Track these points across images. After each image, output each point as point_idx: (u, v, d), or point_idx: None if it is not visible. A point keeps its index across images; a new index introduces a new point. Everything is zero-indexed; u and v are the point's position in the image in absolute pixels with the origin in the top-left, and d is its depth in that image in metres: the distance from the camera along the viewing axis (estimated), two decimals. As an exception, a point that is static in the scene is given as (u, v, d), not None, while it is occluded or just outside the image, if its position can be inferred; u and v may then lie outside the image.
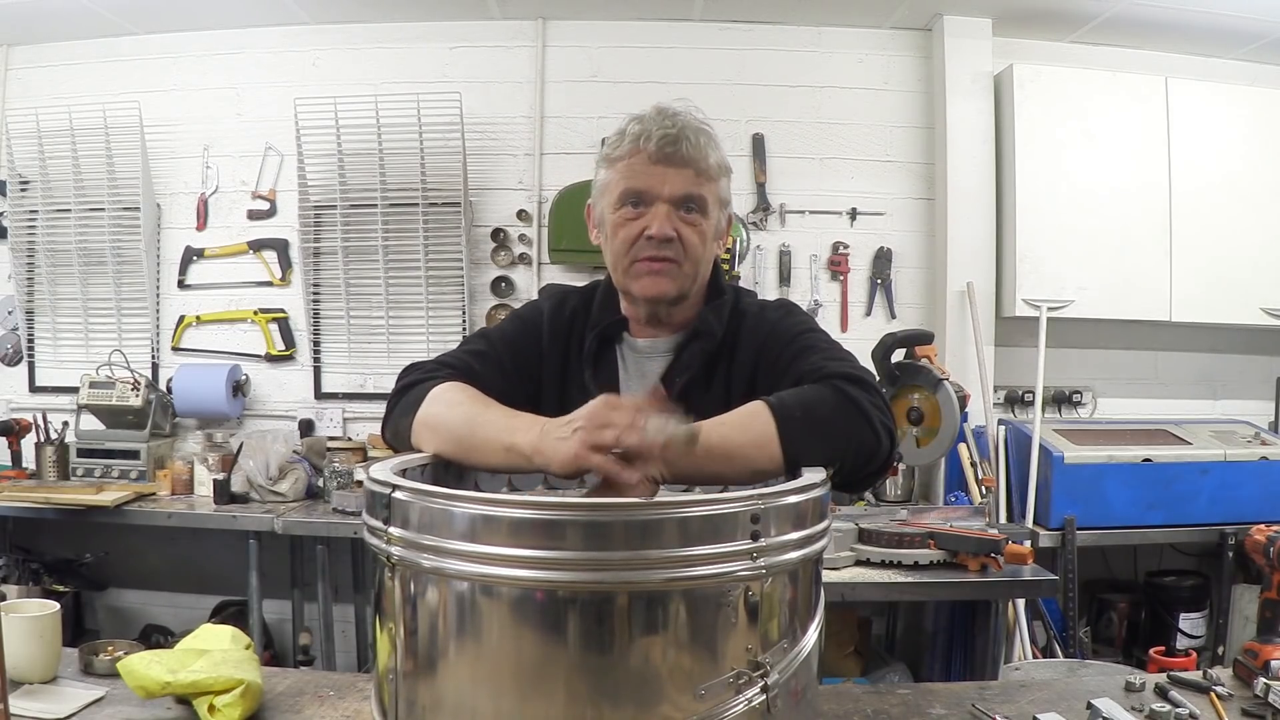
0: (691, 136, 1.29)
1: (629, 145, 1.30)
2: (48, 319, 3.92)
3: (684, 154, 1.28)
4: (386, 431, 1.32)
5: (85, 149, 3.78)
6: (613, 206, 1.33)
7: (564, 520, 0.81)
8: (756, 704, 0.85)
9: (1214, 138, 3.68)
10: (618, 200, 1.32)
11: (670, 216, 1.29)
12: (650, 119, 1.30)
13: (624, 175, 1.31)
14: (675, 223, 1.30)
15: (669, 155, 1.28)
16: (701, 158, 1.30)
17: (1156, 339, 3.93)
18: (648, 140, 1.28)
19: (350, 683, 1.42)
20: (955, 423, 2.80)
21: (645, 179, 1.29)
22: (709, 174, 1.31)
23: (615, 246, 1.34)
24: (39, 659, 1.38)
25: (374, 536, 0.91)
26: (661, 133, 1.28)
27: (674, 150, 1.28)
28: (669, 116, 1.30)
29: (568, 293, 1.48)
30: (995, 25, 3.74)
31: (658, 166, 1.29)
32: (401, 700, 0.90)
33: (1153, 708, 1.31)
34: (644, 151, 1.29)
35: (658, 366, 1.39)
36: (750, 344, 1.36)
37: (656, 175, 1.29)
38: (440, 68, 3.84)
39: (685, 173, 1.29)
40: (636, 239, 1.31)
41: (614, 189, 1.32)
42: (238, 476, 3.34)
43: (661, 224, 1.29)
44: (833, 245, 3.86)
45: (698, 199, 1.31)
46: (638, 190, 1.30)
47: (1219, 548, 3.35)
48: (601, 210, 1.36)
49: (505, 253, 3.84)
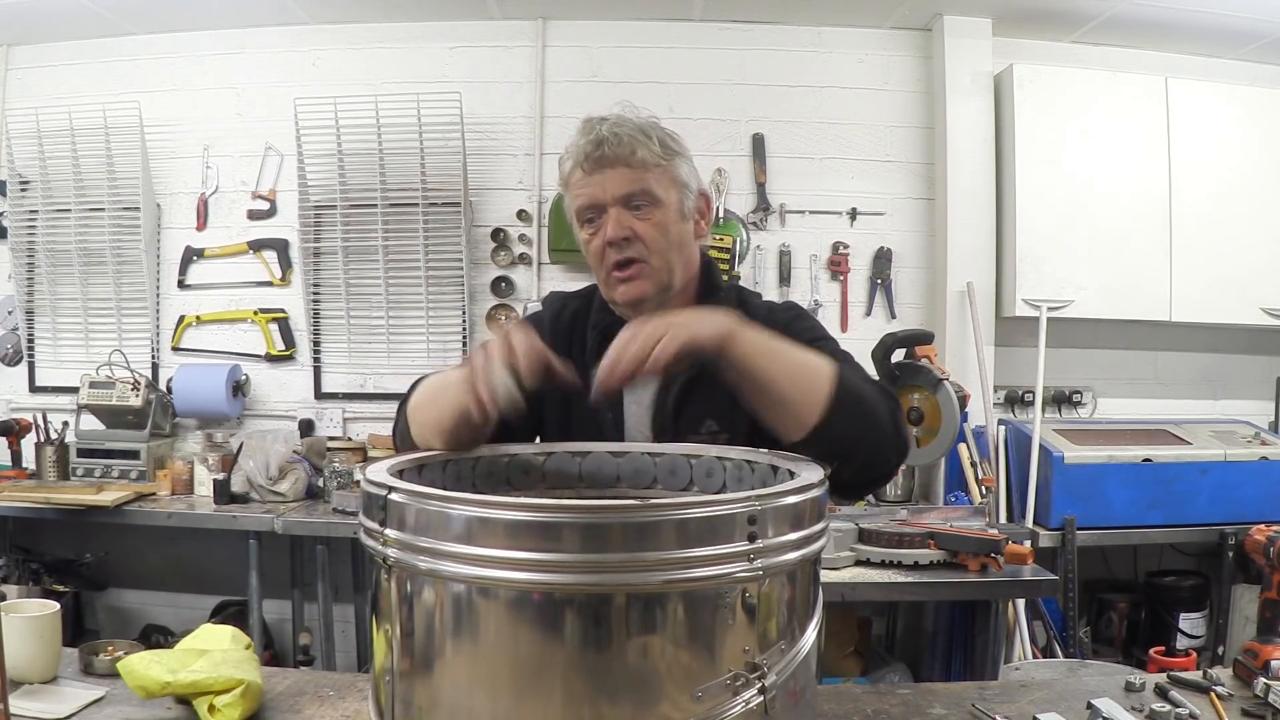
0: (611, 136, 1.32)
1: (570, 166, 1.36)
2: (48, 319, 3.92)
3: (609, 155, 1.32)
4: (395, 438, 1.39)
5: (85, 149, 3.78)
6: (578, 227, 1.39)
7: (561, 522, 0.81)
8: (754, 705, 0.84)
9: (1214, 138, 3.67)
10: (578, 220, 1.39)
11: (620, 217, 1.33)
12: (578, 134, 1.36)
13: (575, 194, 1.37)
14: (628, 221, 1.33)
15: (597, 160, 1.33)
16: (627, 152, 1.32)
17: (1156, 339, 3.93)
18: (578, 155, 1.34)
19: (350, 683, 1.42)
20: (955, 423, 2.80)
21: (587, 192, 1.35)
22: (644, 164, 1.33)
23: (592, 262, 1.40)
24: (39, 659, 1.38)
25: (370, 538, 0.91)
26: (586, 143, 1.33)
27: (600, 154, 1.32)
28: (593, 126, 1.34)
29: (567, 297, 1.53)
30: (995, 25, 3.74)
31: (594, 176, 1.34)
32: (398, 702, 0.89)
33: (1153, 708, 1.31)
34: (579, 167, 1.35)
35: None
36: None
37: (595, 183, 1.34)
38: (440, 68, 3.84)
39: (618, 172, 1.33)
40: (603, 250, 1.36)
41: (572, 211, 1.39)
42: (238, 476, 3.34)
43: (612, 227, 1.33)
44: (833, 245, 3.86)
45: (639, 193, 1.33)
46: (586, 205, 1.36)
47: (1219, 548, 3.35)
48: (575, 232, 1.42)
49: (505, 253, 3.84)
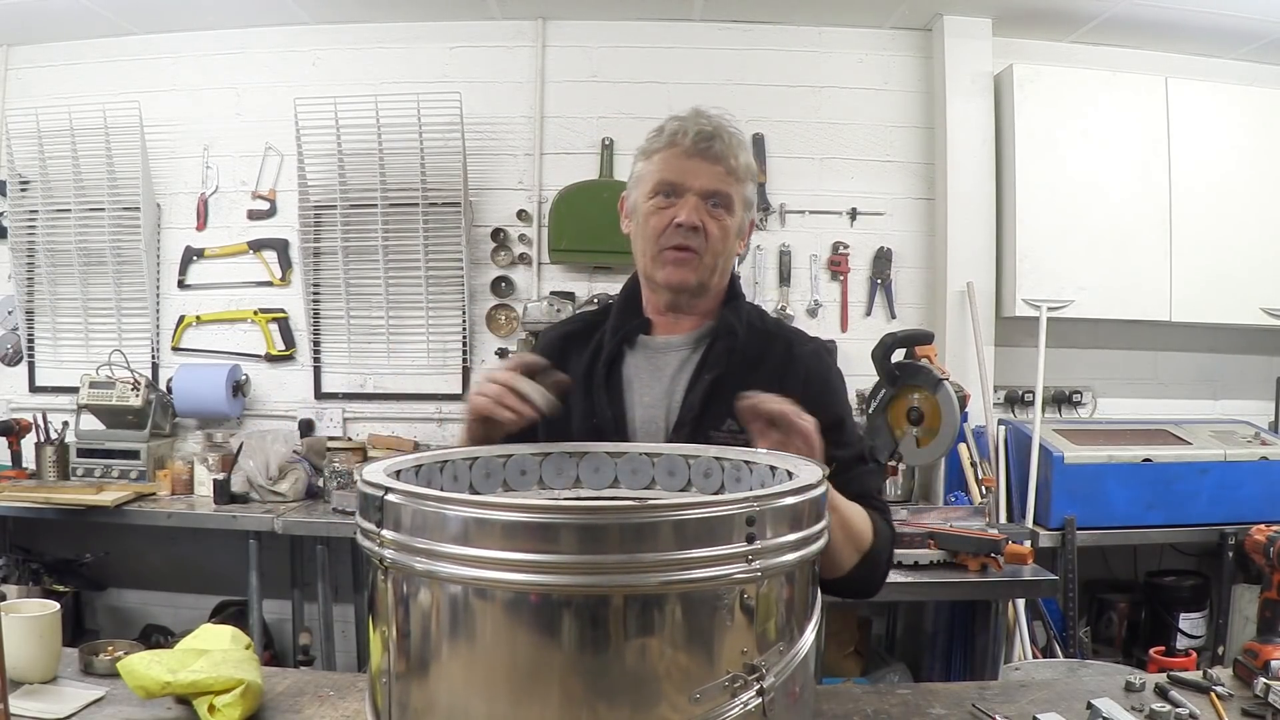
0: (725, 136, 1.38)
1: (666, 139, 1.39)
2: (48, 319, 3.92)
3: (717, 151, 1.37)
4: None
5: (85, 149, 3.78)
6: (646, 196, 1.40)
7: (558, 523, 0.81)
8: (752, 707, 0.84)
9: (1214, 138, 3.67)
10: (651, 190, 1.40)
11: (699, 208, 1.37)
12: (688, 117, 1.39)
13: (659, 167, 1.39)
14: (702, 214, 1.37)
15: (703, 150, 1.36)
16: (733, 156, 1.38)
17: (1156, 339, 3.93)
18: (684, 135, 1.36)
19: (350, 683, 1.42)
20: (955, 423, 2.80)
21: (678, 171, 1.37)
22: (738, 174, 1.39)
23: (645, 233, 1.42)
24: (39, 659, 1.38)
25: (367, 539, 0.91)
26: (697, 129, 1.36)
27: (708, 146, 1.36)
28: (705, 116, 1.39)
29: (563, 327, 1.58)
30: (995, 25, 3.74)
31: (691, 160, 1.37)
32: (395, 703, 0.89)
33: (1153, 708, 1.31)
34: (679, 145, 1.37)
35: (674, 360, 1.46)
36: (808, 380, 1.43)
37: (689, 168, 1.37)
38: (440, 68, 3.84)
39: (716, 169, 1.37)
40: (665, 228, 1.38)
41: (648, 180, 1.40)
42: (238, 476, 3.34)
43: (690, 213, 1.36)
44: (833, 245, 3.85)
45: (725, 195, 1.39)
46: (671, 181, 1.38)
47: (1219, 548, 3.35)
48: (635, 200, 1.44)
49: (505, 253, 3.84)
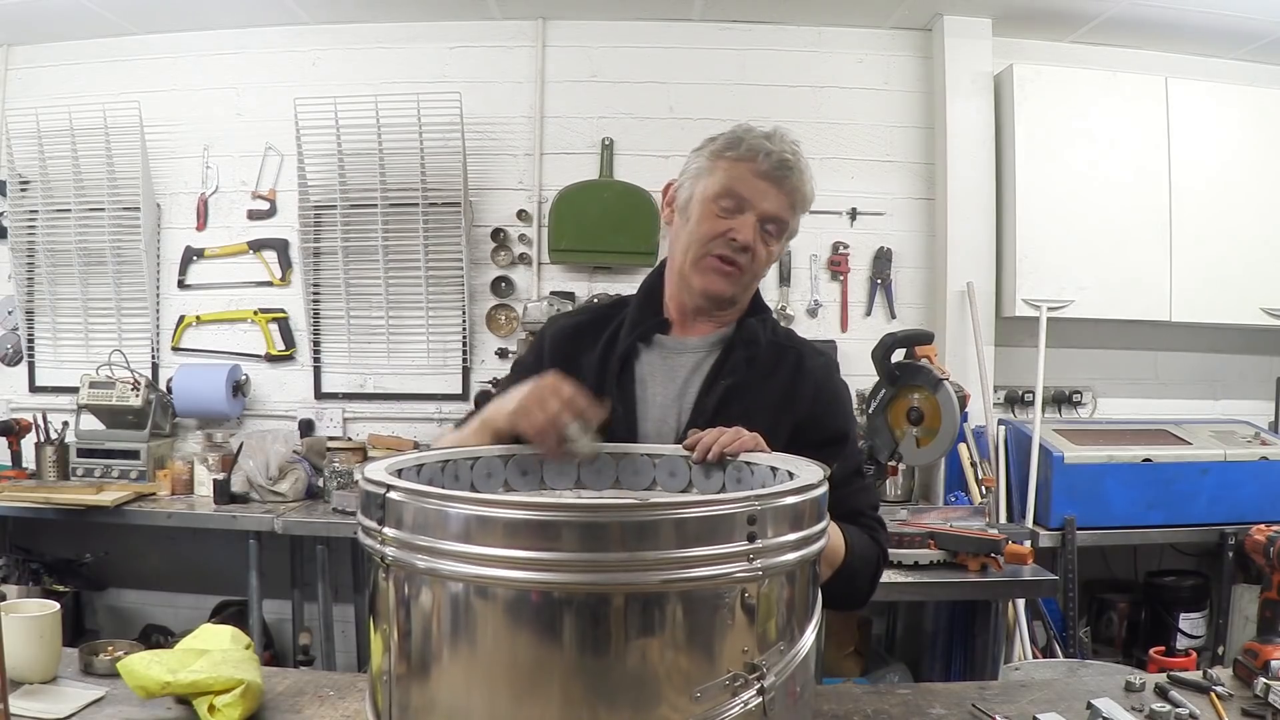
0: (801, 167, 1.40)
1: (745, 151, 1.38)
2: (48, 319, 3.92)
3: (789, 181, 1.38)
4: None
5: (85, 149, 3.78)
6: (707, 198, 1.40)
7: (560, 521, 0.81)
8: (753, 706, 0.85)
9: (1214, 138, 3.67)
10: (716, 195, 1.39)
11: (755, 229, 1.39)
12: (772, 136, 1.40)
13: (731, 175, 1.39)
14: (758, 236, 1.39)
15: (777, 178, 1.38)
16: (799, 187, 1.40)
17: (1156, 339, 3.93)
18: (766, 156, 1.37)
19: (350, 683, 1.42)
20: (955, 423, 2.80)
21: (750, 187, 1.38)
22: (796, 205, 1.41)
23: (695, 233, 1.41)
24: (39, 659, 1.38)
25: (368, 537, 0.91)
26: (780, 154, 1.37)
27: (784, 175, 1.38)
28: (786, 141, 1.40)
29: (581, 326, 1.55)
30: (995, 25, 3.74)
31: (764, 182, 1.38)
32: (395, 703, 0.89)
33: (1153, 708, 1.31)
34: (757, 163, 1.37)
35: (686, 362, 1.47)
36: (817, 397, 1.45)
37: (760, 189, 1.38)
38: (440, 68, 3.84)
39: (782, 197, 1.39)
40: (718, 236, 1.39)
41: (716, 183, 1.40)
42: (238, 476, 3.34)
43: (748, 232, 1.38)
44: (833, 245, 3.85)
45: (782, 224, 1.41)
46: (740, 195, 1.38)
47: (1219, 548, 3.35)
48: (691, 196, 1.43)
49: (505, 253, 3.84)
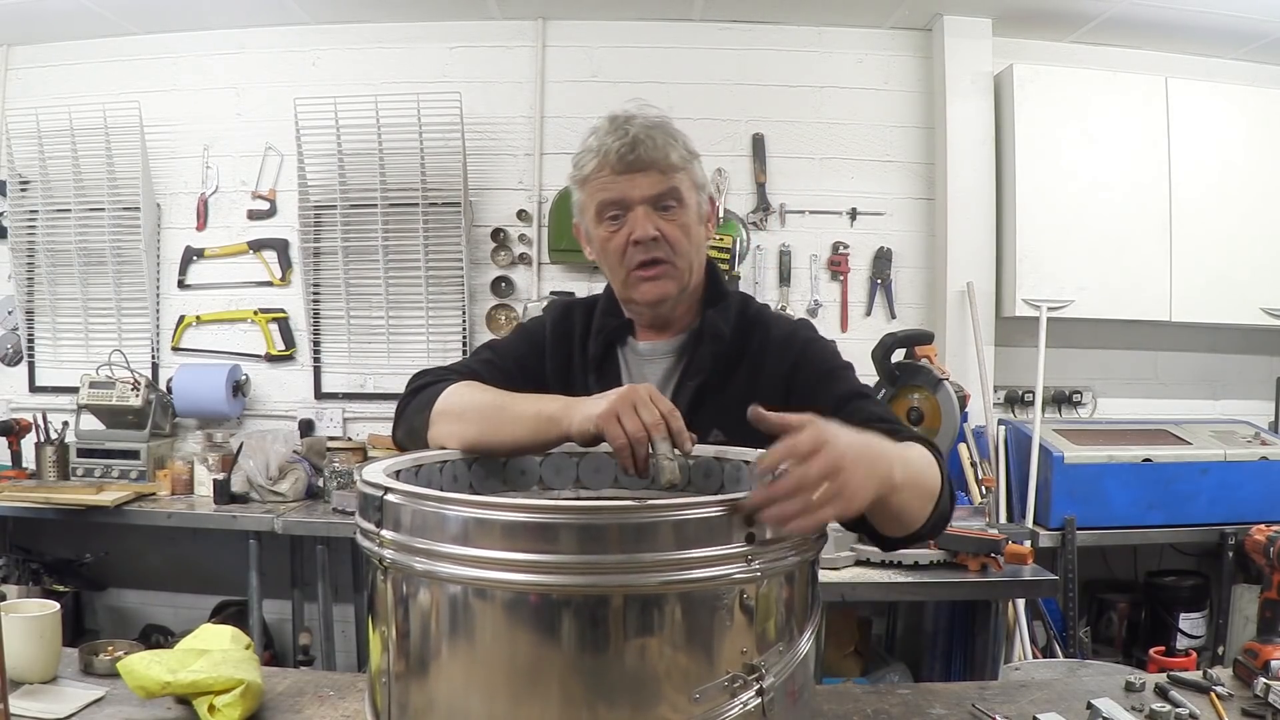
0: (645, 138, 1.33)
1: (593, 163, 1.35)
2: (48, 319, 3.92)
3: (644, 157, 1.32)
4: (399, 430, 1.38)
5: (85, 149, 3.78)
6: (594, 223, 1.38)
7: (558, 523, 0.81)
8: (752, 707, 0.85)
9: (1214, 138, 3.67)
10: (596, 216, 1.37)
11: (649, 216, 1.34)
12: (605, 132, 1.35)
13: (596, 189, 1.36)
14: (655, 221, 1.34)
15: (630, 163, 1.32)
16: (661, 156, 1.33)
17: (1156, 339, 3.93)
18: (608, 154, 1.33)
19: (350, 683, 1.42)
20: (955, 423, 2.81)
21: (615, 190, 1.34)
22: (674, 167, 1.35)
23: (609, 260, 1.39)
24: (39, 659, 1.38)
25: (366, 539, 0.91)
26: (618, 144, 1.32)
27: (634, 157, 1.32)
28: (620, 125, 1.34)
29: (571, 304, 1.52)
30: (995, 25, 3.74)
31: (623, 176, 1.33)
32: (394, 704, 0.89)
33: (1153, 708, 1.31)
34: (607, 165, 1.33)
35: (660, 369, 1.42)
36: (782, 358, 1.38)
37: (624, 183, 1.33)
38: (440, 68, 3.84)
39: (650, 174, 1.33)
40: (625, 248, 1.35)
41: (590, 207, 1.38)
42: (238, 476, 3.34)
43: (642, 225, 1.33)
44: (833, 245, 3.85)
45: (669, 193, 1.35)
46: (611, 201, 1.35)
47: (1219, 548, 3.35)
48: (587, 228, 1.41)
49: (505, 253, 3.84)
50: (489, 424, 1.21)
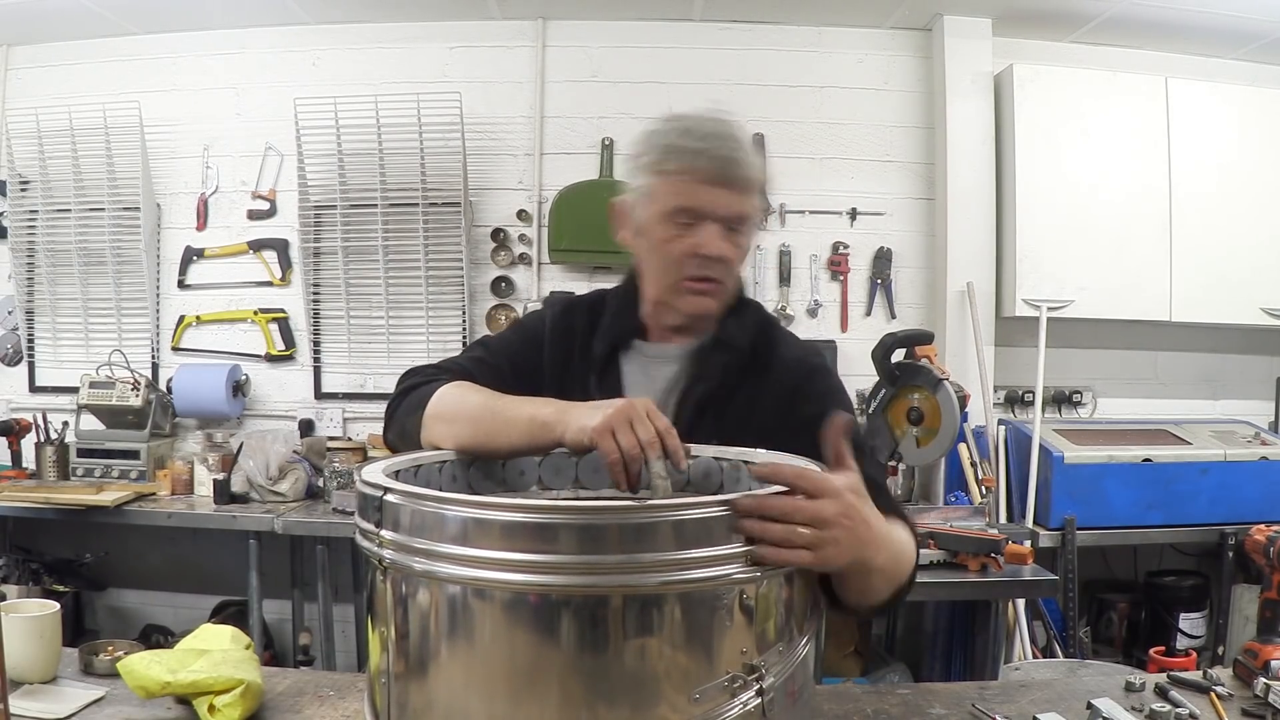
0: (744, 157, 1.28)
1: (682, 162, 1.27)
2: (48, 319, 3.92)
3: (734, 176, 1.27)
4: (390, 432, 1.35)
5: (85, 149, 3.78)
6: (659, 219, 1.30)
7: (557, 523, 0.81)
8: (752, 707, 0.84)
9: (1214, 138, 3.67)
10: (667, 215, 1.29)
11: (721, 235, 1.28)
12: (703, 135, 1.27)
13: (675, 191, 1.27)
14: (727, 241, 1.29)
15: (721, 178, 1.26)
16: (755, 176, 1.29)
17: (1156, 339, 3.93)
18: (698, 158, 1.26)
19: (350, 683, 1.42)
20: (955, 423, 2.81)
21: (698, 198, 1.27)
22: (759, 188, 1.31)
23: (662, 259, 1.32)
24: (39, 659, 1.38)
25: (366, 539, 0.91)
26: (720, 156, 1.26)
27: (732, 173, 1.26)
28: (723, 138, 1.27)
29: (573, 302, 1.47)
30: (995, 25, 3.74)
31: (708, 187, 1.26)
32: (394, 704, 0.89)
33: (1153, 708, 1.31)
34: (698, 172, 1.26)
35: (667, 372, 1.38)
36: (786, 382, 1.34)
37: (708, 195, 1.27)
38: (440, 68, 3.84)
39: (734, 193, 1.27)
40: (685, 255, 1.29)
41: (662, 202, 1.29)
42: (238, 476, 3.34)
43: (715, 244, 1.28)
44: (833, 245, 3.85)
45: (744, 215, 1.30)
46: (689, 209, 1.27)
47: (1219, 548, 3.35)
48: (644, 219, 1.32)
49: (505, 253, 3.84)
50: (482, 427, 1.19)
